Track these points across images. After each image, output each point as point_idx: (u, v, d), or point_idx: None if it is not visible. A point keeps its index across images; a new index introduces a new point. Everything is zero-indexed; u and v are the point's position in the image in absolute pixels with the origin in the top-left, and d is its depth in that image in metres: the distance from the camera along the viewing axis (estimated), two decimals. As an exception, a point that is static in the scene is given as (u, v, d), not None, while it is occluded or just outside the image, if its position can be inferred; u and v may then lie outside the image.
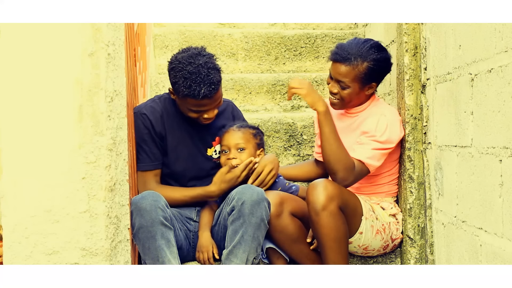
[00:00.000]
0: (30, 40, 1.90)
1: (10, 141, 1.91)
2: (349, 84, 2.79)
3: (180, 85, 2.68)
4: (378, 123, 2.75)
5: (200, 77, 2.66)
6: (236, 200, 2.60)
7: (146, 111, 2.83)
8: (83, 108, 1.91)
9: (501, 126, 1.90)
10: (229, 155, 2.85)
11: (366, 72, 2.78)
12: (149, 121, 2.81)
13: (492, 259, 2.00)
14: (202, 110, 2.75)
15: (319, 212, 2.58)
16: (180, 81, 2.68)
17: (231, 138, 2.86)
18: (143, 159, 2.81)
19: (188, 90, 2.66)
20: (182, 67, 2.69)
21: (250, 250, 2.59)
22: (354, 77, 2.78)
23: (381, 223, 2.80)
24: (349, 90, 2.81)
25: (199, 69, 2.67)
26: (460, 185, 2.30)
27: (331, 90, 2.85)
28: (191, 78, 2.66)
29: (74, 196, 1.91)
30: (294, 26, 4.81)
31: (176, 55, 2.77)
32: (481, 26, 2.04)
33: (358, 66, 2.77)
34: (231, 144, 2.85)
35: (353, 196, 2.74)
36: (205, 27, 4.56)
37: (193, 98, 2.68)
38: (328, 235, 2.59)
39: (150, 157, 2.82)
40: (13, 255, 1.90)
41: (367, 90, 2.84)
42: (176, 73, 2.70)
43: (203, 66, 2.68)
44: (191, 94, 2.67)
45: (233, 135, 2.86)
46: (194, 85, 2.65)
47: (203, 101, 2.70)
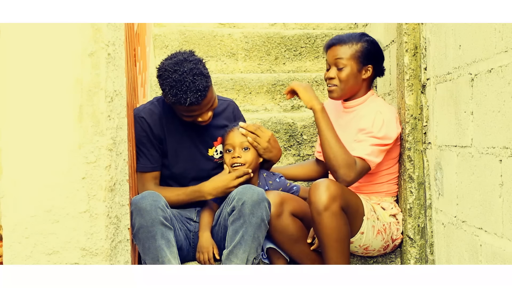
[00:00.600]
0: (30, 40, 1.90)
1: (10, 141, 1.91)
2: (346, 62, 2.85)
3: (167, 93, 2.68)
4: (375, 120, 2.77)
5: (186, 85, 2.63)
6: (236, 200, 2.61)
7: (144, 114, 2.82)
8: (83, 108, 1.91)
9: (501, 126, 1.89)
10: (233, 154, 2.85)
11: (362, 50, 2.86)
12: (147, 124, 2.81)
13: (492, 259, 2.00)
14: (194, 115, 2.75)
15: (321, 212, 2.58)
16: (167, 89, 2.68)
17: (235, 137, 2.86)
18: (142, 161, 2.82)
19: (175, 98, 2.66)
20: (168, 75, 2.67)
21: (250, 250, 2.59)
22: (350, 56, 2.85)
23: (382, 223, 2.80)
24: (346, 71, 2.86)
25: (184, 77, 2.64)
26: (460, 185, 2.30)
27: (328, 76, 2.90)
28: (177, 86, 2.64)
29: (74, 196, 1.91)
30: (294, 26, 4.81)
31: (163, 61, 2.75)
32: (481, 26, 2.04)
33: (353, 45, 2.87)
34: (235, 143, 2.85)
35: (355, 196, 2.74)
36: (205, 27, 4.55)
37: (180, 105, 2.68)
38: (330, 235, 2.59)
39: (149, 159, 2.82)
40: (13, 255, 1.90)
41: (364, 73, 2.88)
42: (163, 80, 2.70)
43: (188, 73, 2.64)
44: (178, 102, 2.66)
45: (237, 134, 2.87)
46: (180, 93, 2.64)
47: (192, 108, 2.69)
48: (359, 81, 2.89)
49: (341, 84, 2.87)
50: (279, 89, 4.10)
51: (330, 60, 2.90)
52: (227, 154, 2.87)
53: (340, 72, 2.86)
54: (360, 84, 2.90)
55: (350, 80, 2.87)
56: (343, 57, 2.85)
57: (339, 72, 2.86)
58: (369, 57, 2.87)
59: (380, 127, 2.75)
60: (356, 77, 2.87)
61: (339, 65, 2.86)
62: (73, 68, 1.90)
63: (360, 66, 2.86)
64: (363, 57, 2.86)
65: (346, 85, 2.87)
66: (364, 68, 2.87)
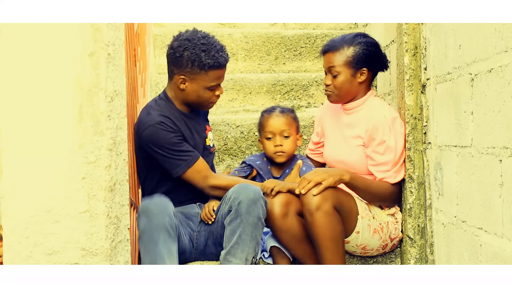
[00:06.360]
0: (30, 40, 1.90)
1: (10, 141, 1.91)
2: (339, 69, 2.86)
3: (202, 58, 2.73)
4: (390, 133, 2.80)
5: (216, 46, 2.76)
6: (232, 200, 2.60)
7: (159, 117, 2.78)
8: (83, 108, 1.91)
9: (501, 126, 1.89)
10: (275, 142, 2.91)
11: (354, 55, 2.85)
12: (168, 125, 2.78)
13: (492, 259, 2.00)
14: (219, 84, 2.82)
15: (314, 212, 2.59)
16: (202, 54, 2.73)
17: (276, 125, 2.92)
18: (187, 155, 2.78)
19: (213, 60, 2.73)
20: (196, 42, 2.75)
21: (249, 250, 2.59)
22: (343, 63, 2.85)
23: (379, 222, 2.80)
24: (341, 78, 2.86)
25: (211, 40, 2.78)
26: (460, 185, 2.30)
27: (325, 83, 2.93)
28: (210, 49, 2.74)
29: (74, 196, 1.91)
30: (294, 26, 4.81)
31: (177, 37, 2.82)
32: (481, 26, 2.04)
33: (345, 51, 2.86)
34: (276, 131, 2.92)
35: (347, 195, 2.74)
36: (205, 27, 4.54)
37: (218, 68, 2.76)
38: (323, 235, 2.60)
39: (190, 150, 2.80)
40: (13, 255, 1.90)
41: (359, 77, 2.88)
42: (193, 50, 2.74)
43: (210, 37, 2.79)
44: (217, 63, 2.75)
45: (278, 121, 2.93)
46: (216, 54, 2.74)
47: (223, 70, 2.80)
48: (355, 85, 2.89)
49: (337, 90, 2.89)
50: (279, 89, 4.10)
51: (325, 67, 2.94)
52: (268, 142, 2.93)
53: (335, 79, 2.88)
54: (357, 87, 2.90)
55: (345, 86, 2.87)
56: (335, 64, 2.86)
57: (334, 79, 2.88)
58: (362, 61, 2.86)
59: (396, 142, 2.79)
60: (351, 82, 2.87)
61: (333, 72, 2.88)
62: (73, 68, 1.91)
63: (353, 71, 2.86)
64: (356, 62, 2.85)
65: (342, 91, 2.88)
66: (358, 72, 2.87)
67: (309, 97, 4.12)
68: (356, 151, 2.87)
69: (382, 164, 2.79)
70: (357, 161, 2.86)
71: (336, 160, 2.96)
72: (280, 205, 2.68)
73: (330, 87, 2.90)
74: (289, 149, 2.94)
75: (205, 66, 2.73)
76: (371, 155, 2.81)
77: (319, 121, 3.15)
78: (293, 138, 2.95)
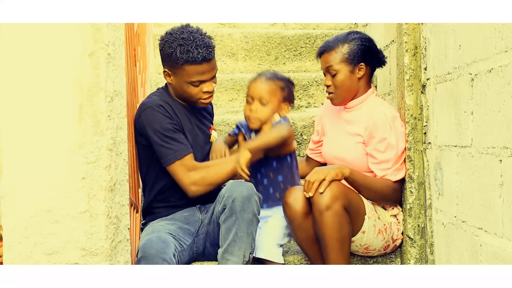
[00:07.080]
0: (30, 40, 1.90)
1: (10, 141, 1.91)
2: (337, 67, 2.86)
3: (177, 53, 2.70)
4: (391, 130, 2.80)
5: (196, 41, 2.70)
6: (226, 198, 2.58)
7: (159, 102, 2.78)
8: (83, 108, 1.91)
9: (501, 126, 1.89)
10: (250, 107, 2.85)
11: (349, 51, 2.86)
12: (166, 110, 2.77)
13: (492, 259, 2.00)
14: (202, 81, 2.74)
15: (323, 212, 2.58)
16: (177, 49, 2.70)
17: (256, 90, 2.85)
18: (177, 146, 2.74)
19: (187, 55, 2.68)
20: (176, 36, 2.72)
21: (246, 247, 2.58)
22: (340, 60, 2.86)
23: (383, 223, 2.80)
24: (340, 76, 2.87)
25: (193, 35, 2.72)
26: (460, 185, 2.30)
27: (325, 84, 2.93)
28: (187, 44, 2.69)
29: (74, 196, 1.91)
30: (294, 26, 4.81)
31: (165, 33, 2.80)
32: (481, 26, 2.04)
33: (340, 48, 2.88)
34: (255, 96, 2.84)
35: (356, 195, 2.74)
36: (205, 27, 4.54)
37: (192, 64, 2.69)
38: (331, 235, 2.59)
39: (183, 142, 2.77)
40: (13, 255, 1.90)
41: (357, 72, 2.88)
42: (171, 43, 2.72)
43: (195, 32, 2.74)
44: (191, 59, 2.68)
45: (259, 86, 2.85)
46: (191, 49, 2.68)
47: (203, 66, 2.71)
48: (355, 82, 2.89)
49: (338, 90, 2.88)
50: (279, 89, 4.09)
51: (322, 68, 2.94)
52: (247, 105, 2.87)
53: (334, 78, 2.88)
54: (357, 84, 2.90)
55: (345, 83, 2.88)
56: (332, 63, 2.87)
57: (333, 79, 2.88)
58: (358, 56, 2.87)
59: (397, 140, 2.79)
60: (350, 79, 2.88)
61: (331, 72, 2.88)
62: (73, 68, 1.91)
63: (351, 67, 2.87)
64: (352, 58, 2.87)
65: (343, 90, 2.88)
66: (356, 67, 2.88)
67: (309, 97, 4.12)
68: (356, 148, 2.87)
69: (384, 162, 2.79)
70: (356, 159, 2.86)
71: (335, 157, 2.95)
72: (302, 201, 2.68)
73: (330, 87, 2.90)
74: (263, 116, 2.82)
75: (178, 60, 2.70)
76: (372, 153, 2.81)
77: (319, 120, 3.15)
78: (272, 106, 2.83)
